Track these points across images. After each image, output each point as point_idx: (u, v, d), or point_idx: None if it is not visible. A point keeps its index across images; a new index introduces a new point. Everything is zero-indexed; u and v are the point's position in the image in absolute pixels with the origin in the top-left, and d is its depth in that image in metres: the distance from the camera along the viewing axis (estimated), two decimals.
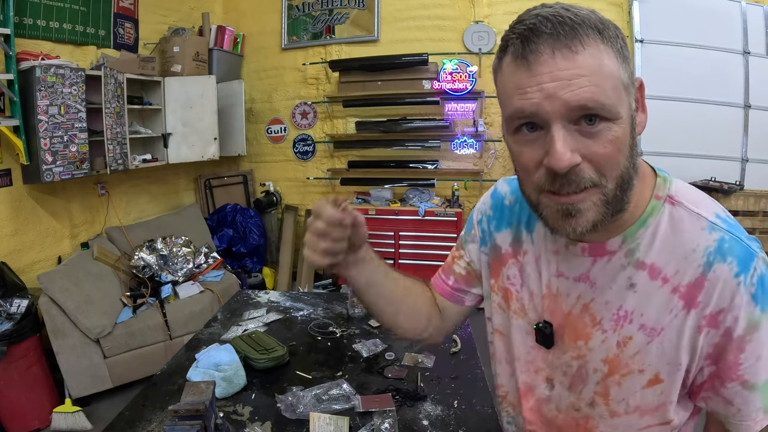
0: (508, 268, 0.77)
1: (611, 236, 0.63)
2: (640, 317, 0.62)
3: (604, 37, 0.53)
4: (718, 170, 3.64)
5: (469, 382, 1.27)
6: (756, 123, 3.73)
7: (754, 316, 0.57)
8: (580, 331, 0.67)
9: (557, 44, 0.52)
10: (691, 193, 0.64)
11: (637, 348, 0.63)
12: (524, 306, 0.74)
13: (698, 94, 3.71)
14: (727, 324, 0.58)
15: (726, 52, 3.69)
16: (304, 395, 1.19)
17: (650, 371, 0.63)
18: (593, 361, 0.67)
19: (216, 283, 3.34)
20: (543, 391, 0.74)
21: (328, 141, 4.37)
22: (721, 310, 0.58)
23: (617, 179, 0.56)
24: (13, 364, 2.38)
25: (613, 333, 0.64)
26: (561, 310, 0.69)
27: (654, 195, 0.63)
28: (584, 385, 0.69)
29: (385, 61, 3.96)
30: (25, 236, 2.86)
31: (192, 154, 3.78)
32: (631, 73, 0.56)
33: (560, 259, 0.69)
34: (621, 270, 0.63)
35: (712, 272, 0.58)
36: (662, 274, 0.61)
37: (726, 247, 0.58)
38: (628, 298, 0.63)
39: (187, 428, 0.84)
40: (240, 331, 1.58)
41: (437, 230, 3.81)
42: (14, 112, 2.59)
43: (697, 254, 0.59)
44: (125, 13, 3.47)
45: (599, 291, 0.65)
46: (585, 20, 0.53)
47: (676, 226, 0.61)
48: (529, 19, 0.54)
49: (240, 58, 4.48)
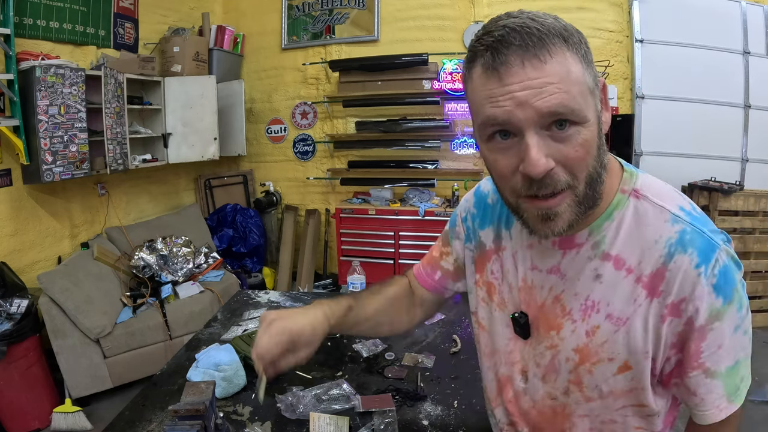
0: (492, 263, 0.80)
1: (579, 229, 0.66)
2: (607, 307, 0.65)
3: (569, 45, 0.56)
4: (718, 170, 3.64)
5: (469, 382, 1.27)
6: (756, 123, 3.73)
7: (715, 306, 0.59)
8: (552, 322, 0.70)
9: (526, 55, 0.54)
10: (657, 186, 0.66)
11: (605, 337, 0.65)
12: (504, 299, 0.78)
13: (698, 94, 3.70)
14: (689, 313, 0.60)
15: (726, 52, 3.69)
16: (304, 395, 1.19)
17: (619, 359, 0.65)
18: (565, 350, 0.69)
19: (216, 283, 3.34)
20: (519, 383, 0.77)
21: (328, 141, 4.37)
22: (682, 299, 0.60)
23: (587, 179, 0.59)
24: (13, 364, 2.38)
25: (582, 323, 0.67)
26: (535, 302, 0.72)
27: (620, 189, 0.65)
28: (557, 375, 0.71)
29: (385, 61, 3.96)
30: (25, 236, 2.86)
31: (192, 154, 3.78)
32: (595, 77, 0.59)
33: (534, 253, 0.72)
34: (588, 261, 0.66)
35: (673, 263, 0.60)
36: (626, 265, 0.63)
37: (687, 238, 0.60)
38: (595, 289, 0.65)
39: (187, 428, 0.84)
40: (240, 331, 1.58)
41: (437, 230, 3.79)
42: (14, 112, 2.59)
43: (659, 245, 0.61)
44: (125, 13, 3.47)
45: (569, 282, 0.68)
46: (551, 30, 0.55)
47: (640, 219, 0.63)
48: (497, 31, 0.56)
49: (240, 58, 4.48)
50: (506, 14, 0.58)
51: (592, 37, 3.80)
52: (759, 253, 3.48)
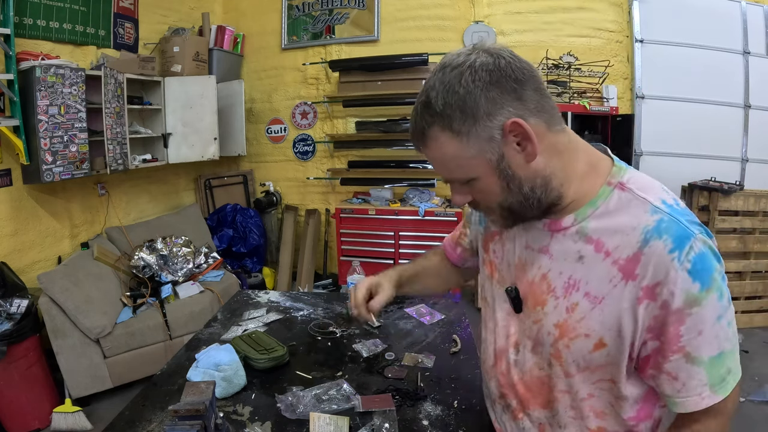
0: (495, 243, 0.90)
1: (566, 215, 0.74)
2: (586, 285, 0.71)
3: (444, 127, 0.67)
4: (718, 170, 3.64)
5: (469, 382, 1.27)
6: (756, 123, 3.73)
7: (692, 291, 0.63)
8: (538, 297, 0.77)
9: (414, 142, 0.74)
10: (643, 181, 0.71)
11: (583, 314, 0.71)
12: (503, 276, 0.86)
13: (698, 94, 3.71)
14: (664, 297, 0.64)
15: (726, 52, 3.69)
16: (304, 395, 1.19)
17: (595, 336, 0.70)
18: (547, 324, 0.75)
19: (216, 283, 3.34)
20: (511, 355, 0.84)
21: (328, 141, 4.38)
22: (657, 283, 0.64)
23: (501, 206, 0.73)
24: (13, 364, 2.38)
25: (564, 299, 0.73)
26: (527, 278, 0.80)
27: (606, 181, 0.72)
28: (542, 347, 0.77)
29: (385, 61, 3.96)
30: (25, 236, 2.86)
31: (192, 154, 3.78)
32: (490, 130, 0.66)
33: (529, 234, 0.80)
34: (573, 244, 0.73)
35: (648, 248, 0.65)
36: (605, 248, 0.69)
37: (663, 226, 0.65)
38: (577, 269, 0.72)
39: (187, 428, 0.84)
40: (240, 331, 1.58)
41: (437, 230, 3.81)
42: (14, 112, 2.59)
43: (637, 232, 0.66)
44: (125, 13, 3.47)
45: (555, 262, 0.75)
46: (428, 120, 0.68)
47: (622, 208, 0.69)
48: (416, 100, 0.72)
49: (240, 58, 4.49)
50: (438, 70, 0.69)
51: (592, 37, 3.81)
52: (759, 253, 3.48)
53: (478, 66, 0.65)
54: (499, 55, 0.66)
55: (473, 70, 0.65)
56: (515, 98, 0.65)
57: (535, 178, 0.70)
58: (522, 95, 0.66)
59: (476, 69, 0.65)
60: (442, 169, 0.72)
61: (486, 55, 0.66)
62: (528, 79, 0.66)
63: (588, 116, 3.70)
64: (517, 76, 0.65)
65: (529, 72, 0.67)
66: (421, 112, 0.69)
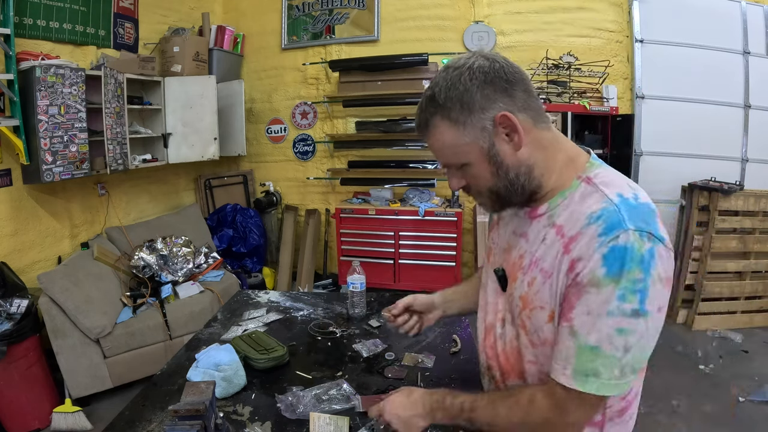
0: (494, 231, 1.02)
1: (541, 203, 0.84)
2: (542, 262, 0.80)
3: (443, 116, 0.78)
4: (718, 170, 3.64)
5: (469, 382, 1.27)
6: (756, 123, 3.73)
7: (597, 273, 0.70)
8: (514, 275, 0.87)
9: (419, 131, 0.85)
10: (609, 177, 0.79)
11: (537, 287, 0.80)
12: (496, 259, 0.96)
13: (698, 94, 3.71)
14: (577, 270, 0.72)
15: (726, 52, 3.69)
16: (304, 395, 1.19)
17: (547, 308, 0.79)
18: (515, 297, 0.86)
19: (216, 283, 3.34)
20: (498, 329, 0.92)
21: (328, 141, 4.38)
22: (579, 258, 0.72)
23: (491, 191, 0.83)
24: (13, 364, 2.38)
25: (526, 275, 0.83)
26: (511, 259, 0.90)
27: (577, 176, 0.81)
28: (514, 319, 0.87)
29: (385, 61, 3.96)
30: (25, 236, 2.86)
31: (192, 154, 3.78)
32: (483, 121, 0.77)
33: (515, 221, 0.91)
34: (542, 228, 0.83)
35: (586, 228, 0.73)
36: (562, 231, 0.78)
37: (605, 215, 0.72)
38: (540, 248, 0.82)
39: (187, 428, 0.84)
40: (240, 331, 1.58)
41: (437, 230, 3.81)
42: (14, 112, 2.59)
43: (584, 215, 0.75)
44: (125, 13, 3.47)
45: (529, 244, 0.85)
46: (434, 108, 0.79)
47: (583, 199, 0.78)
48: (423, 94, 0.83)
49: (240, 58, 4.49)
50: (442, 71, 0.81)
51: (592, 37, 3.81)
52: (759, 253, 3.48)
53: (476, 68, 0.76)
54: (494, 59, 0.78)
55: (471, 71, 0.76)
56: (506, 96, 0.77)
57: (519, 166, 0.80)
58: (512, 94, 0.77)
59: (474, 70, 0.76)
60: (441, 155, 0.83)
61: (483, 59, 0.77)
62: (518, 81, 0.77)
63: (588, 116, 3.69)
64: (508, 78, 0.77)
65: (519, 75, 0.78)
66: (426, 104, 0.81)
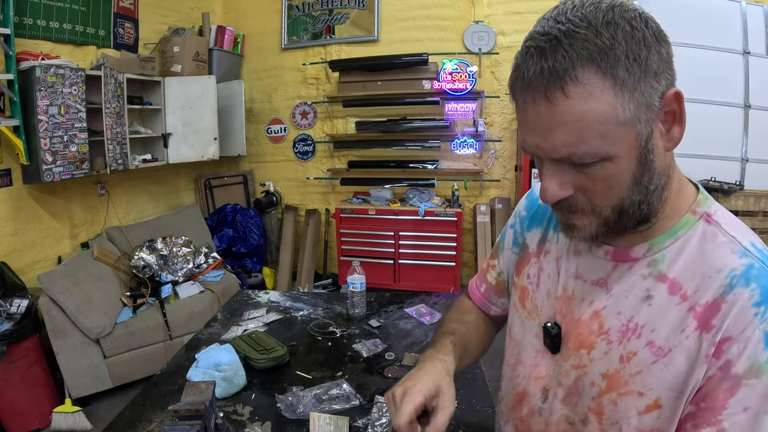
0: (530, 266, 0.75)
1: (637, 243, 0.60)
2: (650, 333, 0.57)
3: (600, 70, 0.48)
4: (718, 170, 3.64)
5: (469, 382, 1.27)
6: (756, 123, 3.73)
7: (759, 358, 0.50)
8: (585, 339, 0.63)
9: (537, 94, 0.50)
10: (731, 218, 0.60)
11: (640, 366, 0.58)
12: (537, 307, 0.72)
13: (698, 94, 3.70)
14: (729, 356, 0.51)
15: (726, 52, 3.69)
16: (304, 395, 1.19)
17: (651, 395, 0.57)
18: (592, 373, 0.62)
19: (216, 283, 3.34)
20: (537, 401, 0.71)
21: (328, 141, 4.38)
22: (728, 338, 0.52)
23: (614, 208, 0.55)
24: (13, 364, 2.38)
25: (619, 345, 0.60)
26: (572, 314, 0.66)
27: (691, 209, 0.59)
28: (579, 399, 0.64)
29: (385, 61, 3.96)
30: (25, 236, 2.86)
31: (192, 154, 3.78)
32: (652, 92, 0.51)
33: (580, 261, 0.66)
34: (641, 280, 0.59)
35: (732, 295, 0.52)
36: (682, 291, 0.56)
37: (753, 273, 0.53)
38: (642, 311, 0.59)
39: (187, 428, 0.84)
40: (240, 331, 1.58)
41: (437, 230, 3.81)
42: (14, 112, 2.59)
43: (722, 275, 0.54)
44: (125, 13, 3.47)
45: (614, 299, 0.61)
46: (578, 50, 0.48)
47: (707, 245, 0.57)
48: (525, 45, 0.52)
49: (240, 58, 4.49)
50: (554, 10, 0.52)
51: None
52: None
53: (648, 15, 0.51)
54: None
55: (645, 17, 0.50)
56: (672, 68, 0.54)
57: (662, 175, 0.56)
58: (673, 67, 0.54)
59: (647, 18, 0.51)
60: (567, 135, 0.50)
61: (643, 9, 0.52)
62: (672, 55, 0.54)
63: None
64: (669, 45, 0.53)
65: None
66: (567, 43, 0.48)
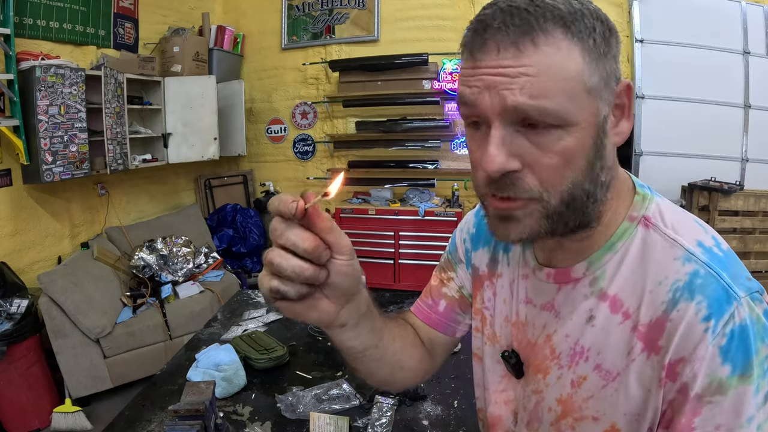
0: (484, 290, 0.71)
1: (577, 261, 0.56)
2: (597, 356, 0.54)
3: (570, 32, 0.46)
4: (718, 170, 3.64)
5: (469, 382, 1.26)
6: (756, 123, 3.73)
7: (718, 375, 0.46)
8: (540, 364, 0.60)
9: (503, 41, 0.46)
10: (673, 215, 0.54)
11: (591, 391, 0.54)
12: (495, 332, 0.68)
13: (698, 94, 3.70)
14: (684, 378, 0.47)
15: (726, 52, 3.68)
16: (304, 395, 1.19)
17: (605, 420, 0.53)
18: (549, 398, 0.59)
19: (216, 283, 3.34)
20: (510, 424, 0.67)
21: (328, 141, 4.38)
22: (680, 359, 0.47)
23: (563, 194, 0.49)
24: (13, 364, 2.38)
25: (569, 370, 0.56)
26: (527, 340, 0.63)
27: (628, 215, 0.55)
28: (540, 424, 0.61)
29: (385, 61, 3.96)
30: (25, 236, 2.86)
31: (192, 154, 3.78)
32: (610, 74, 0.49)
33: (529, 285, 0.63)
34: (583, 300, 0.56)
35: (676, 311, 0.48)
36: (624, 308, 0.52)
37: (698, 283, 0.48)
38: (587, 333, 0.55)
39: (187, 428, 0.84)
40: (240, 331, 1.58)
41: (437, 230, 3.81)
42: (14, 112, 2.59)
43: (663, 288, 0.50)
44: (125, 13, 3.47)
45: (561, 322, 0.58)
46: (547, 11, 0.45)
47: (646, 254, 0.52)
48: (484, 11, 0.49)
49: (240, 58, 4.49)
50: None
51: None
52: (759, 253, 3.48)
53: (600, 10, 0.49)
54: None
55: (597, 10, 0.49)
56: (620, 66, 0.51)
57: (610, 170, 0.52)
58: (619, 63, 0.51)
59: (599, 11, 0.49)
60: (532, 86, 0.45)
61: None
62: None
63: None
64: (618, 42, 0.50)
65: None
66: (536, 4, 0.46)
